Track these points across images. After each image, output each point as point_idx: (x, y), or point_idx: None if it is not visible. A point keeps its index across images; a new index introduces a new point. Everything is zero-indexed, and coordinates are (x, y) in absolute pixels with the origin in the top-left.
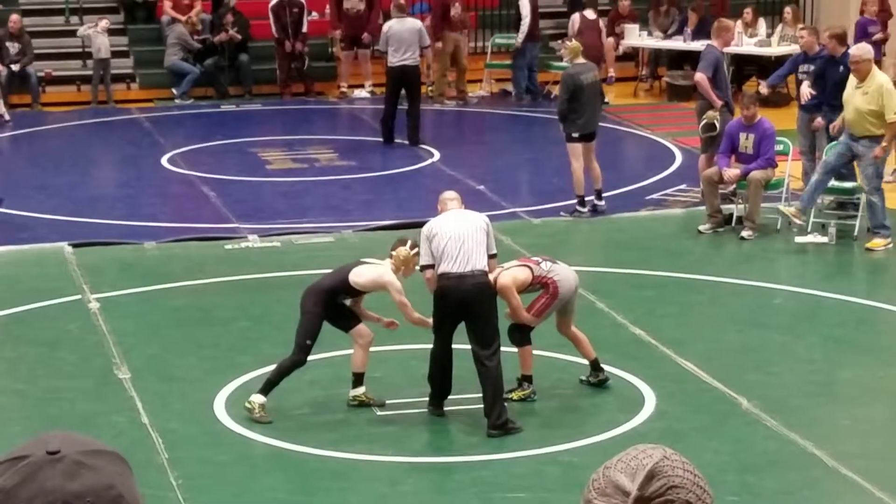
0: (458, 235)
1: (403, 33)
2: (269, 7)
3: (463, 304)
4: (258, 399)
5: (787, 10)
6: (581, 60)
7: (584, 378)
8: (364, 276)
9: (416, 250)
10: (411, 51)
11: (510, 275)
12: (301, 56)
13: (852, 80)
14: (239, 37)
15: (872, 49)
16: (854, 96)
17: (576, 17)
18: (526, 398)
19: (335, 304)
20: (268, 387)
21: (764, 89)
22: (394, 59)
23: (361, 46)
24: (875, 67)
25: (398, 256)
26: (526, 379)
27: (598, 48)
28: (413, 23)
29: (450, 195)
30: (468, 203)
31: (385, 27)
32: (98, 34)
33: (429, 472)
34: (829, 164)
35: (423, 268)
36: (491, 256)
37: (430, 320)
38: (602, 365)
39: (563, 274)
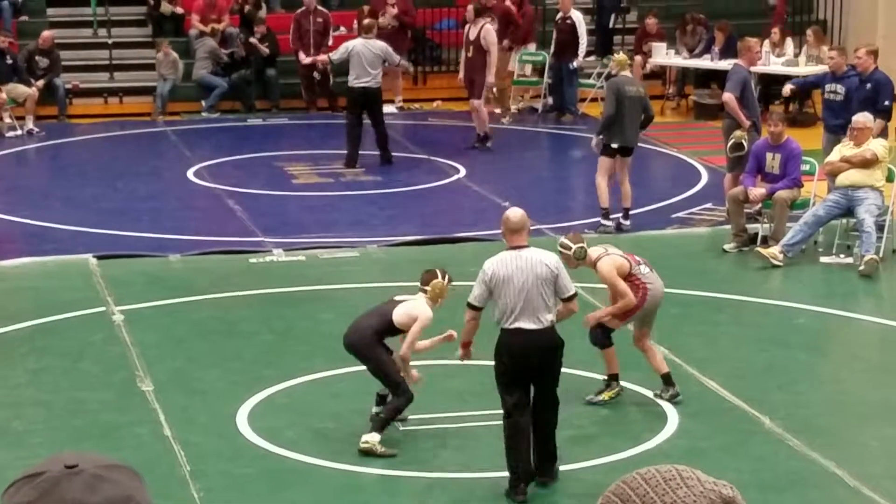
0: (521, 285)
1: (368, 55)
2: (294, 16)
3: (526, 360)
4: (374, 438)
5: (809, 31)
6: (627, 73)
7: (657, 392)
8: (406, 314)
9: (448, 280)
10: (373, 73)
11: (611, 262)
12: (325, 70)
13: (842, 148)
14: (267, 51)
15: (873, 118)
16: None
17: (490, 27)
18: (615, 396)
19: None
20: (382, 425)
21: (787, 88)
22: (354, 81)
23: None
24: (871, 138)
25: (434, 290)
26: (613, 378)
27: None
28: (379, 45)
29: (514, 220)
30: (493, 219)
31: (349, 46)
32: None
33: (451, 488)
34: (819, 218)
35: (472, 307)
36: (568, 299)
37: (427, 342)
38: (626, 383)
39: (656, 283)
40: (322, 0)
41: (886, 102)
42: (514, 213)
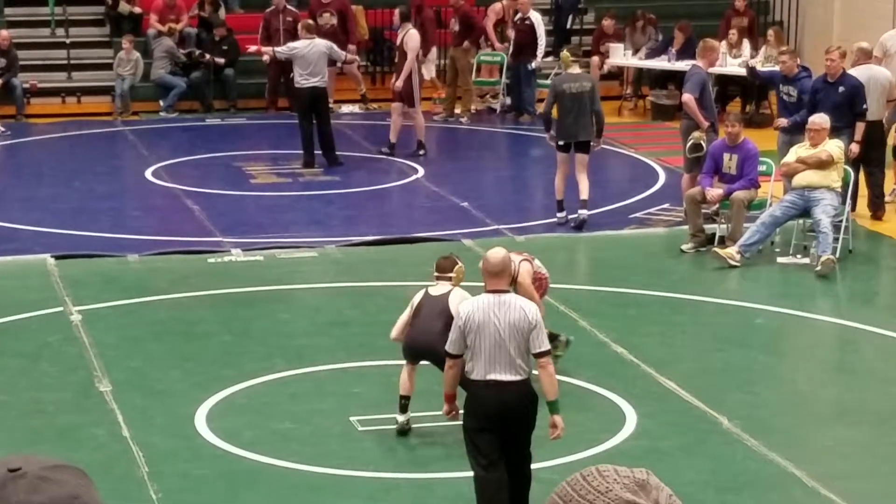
0: (496, 333)
1: (312, 56)
2: (263, 15)
3: (501, 416)
4: None
5: (770, 31)
6: (575, 70)
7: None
8: (455, 304)
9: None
10: (320, 73)
11: (525, 271)
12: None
13: (798, 149)
14: (222, 61)
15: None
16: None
17: (413, 32)
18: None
19: None
20: None
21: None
22: (303, 82)
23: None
24: (828, 138)
25: (459, 275)
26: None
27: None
28: (322, 44)
29: (494, 263)
30: (452, 220)
31: (293, 46)
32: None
33: (409, 488)
34: (775, 218)
35: (449, 356)
36: (539, 354)
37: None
38: (582, 383)
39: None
40: None
41: (865, 106)
42: (495, 254)
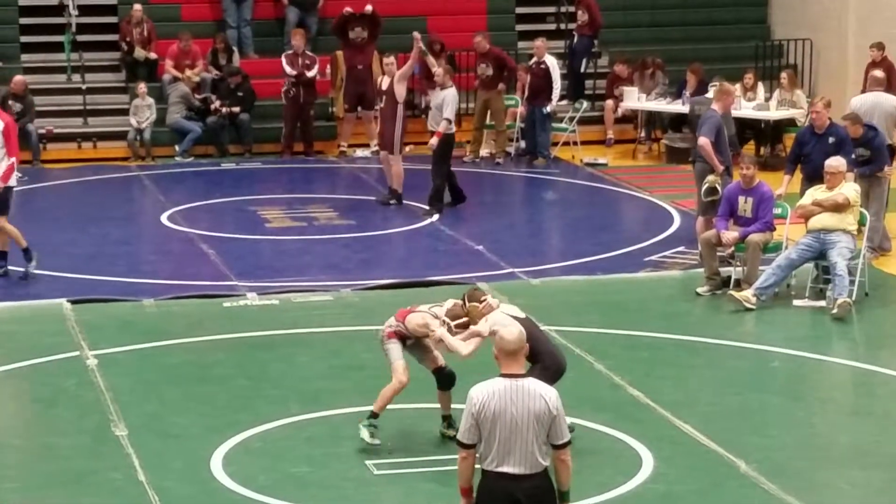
0: (513, 421)
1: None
2: (282, 58)
3: None
4: None
5: (784, 74)
6: (708, 94)
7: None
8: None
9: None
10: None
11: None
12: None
13: (814, 191)
14: (237, 109)
15: (846, 162)
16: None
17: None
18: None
19: None
20: None
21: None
22: (453, 128)
23: (365, 106)
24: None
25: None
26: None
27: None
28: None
29: (511, 341)
30: (467, 263)
31: (446, 94)
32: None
33: None
34: (791, 261)
35: (462, 446)
36: (560, 446)
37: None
38: (597, 426)
39: None
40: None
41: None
42: (511, 332)
